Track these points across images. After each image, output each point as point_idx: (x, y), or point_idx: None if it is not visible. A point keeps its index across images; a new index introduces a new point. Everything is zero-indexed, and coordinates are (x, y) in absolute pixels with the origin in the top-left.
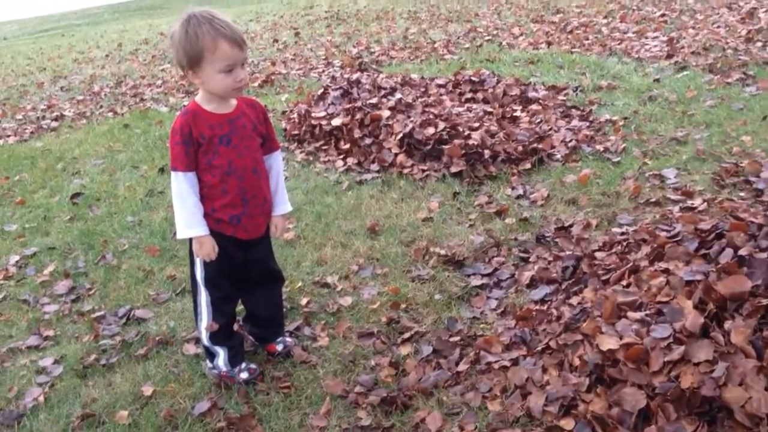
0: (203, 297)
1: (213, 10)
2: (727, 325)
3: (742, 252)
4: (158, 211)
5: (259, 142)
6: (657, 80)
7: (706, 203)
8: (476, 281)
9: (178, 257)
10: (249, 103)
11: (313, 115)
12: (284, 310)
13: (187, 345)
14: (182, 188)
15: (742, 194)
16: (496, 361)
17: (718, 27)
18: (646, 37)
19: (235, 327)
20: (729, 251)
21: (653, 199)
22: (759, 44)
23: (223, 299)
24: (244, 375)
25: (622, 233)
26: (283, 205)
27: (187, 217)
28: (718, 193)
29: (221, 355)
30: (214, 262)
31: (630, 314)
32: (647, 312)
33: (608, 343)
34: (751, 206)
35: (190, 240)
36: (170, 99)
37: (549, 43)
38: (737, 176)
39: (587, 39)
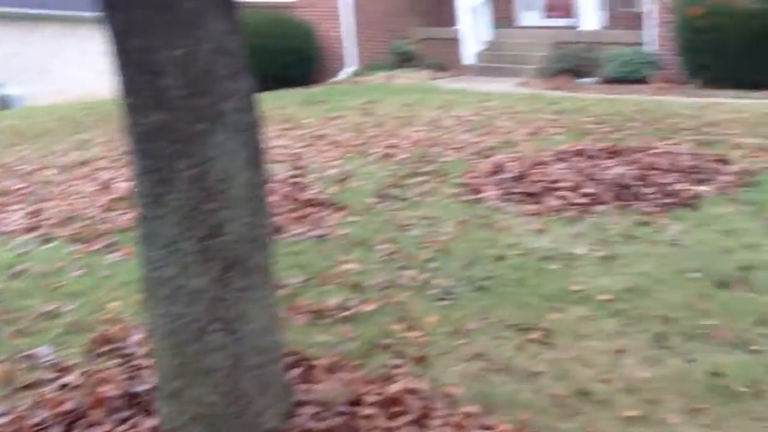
0: None
1: None
2: None
3: (105, 429)
4: None
5: None
6: (23, 254)
7: (83, 376)
8: None
9: None
10: None
11: None
12: None
13: None
14: None
15: (115, 361)
16: None
17: (80, 197)
18: (8, 211)
19: None
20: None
21: (28, 382)
22: (118, 212)
23: None
24: None
25: None
26: None
27: None
28: (93, 364)
29: None
30: None
31: None
32: None
33: None
34: (122, 373)
35: None
36: None
37: None
38: (110, 343)
39: None
